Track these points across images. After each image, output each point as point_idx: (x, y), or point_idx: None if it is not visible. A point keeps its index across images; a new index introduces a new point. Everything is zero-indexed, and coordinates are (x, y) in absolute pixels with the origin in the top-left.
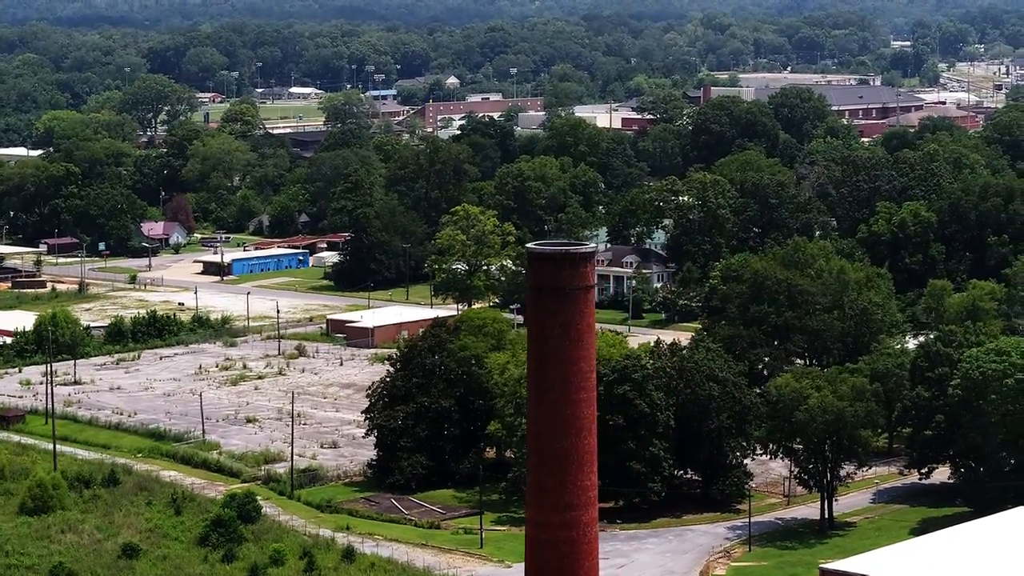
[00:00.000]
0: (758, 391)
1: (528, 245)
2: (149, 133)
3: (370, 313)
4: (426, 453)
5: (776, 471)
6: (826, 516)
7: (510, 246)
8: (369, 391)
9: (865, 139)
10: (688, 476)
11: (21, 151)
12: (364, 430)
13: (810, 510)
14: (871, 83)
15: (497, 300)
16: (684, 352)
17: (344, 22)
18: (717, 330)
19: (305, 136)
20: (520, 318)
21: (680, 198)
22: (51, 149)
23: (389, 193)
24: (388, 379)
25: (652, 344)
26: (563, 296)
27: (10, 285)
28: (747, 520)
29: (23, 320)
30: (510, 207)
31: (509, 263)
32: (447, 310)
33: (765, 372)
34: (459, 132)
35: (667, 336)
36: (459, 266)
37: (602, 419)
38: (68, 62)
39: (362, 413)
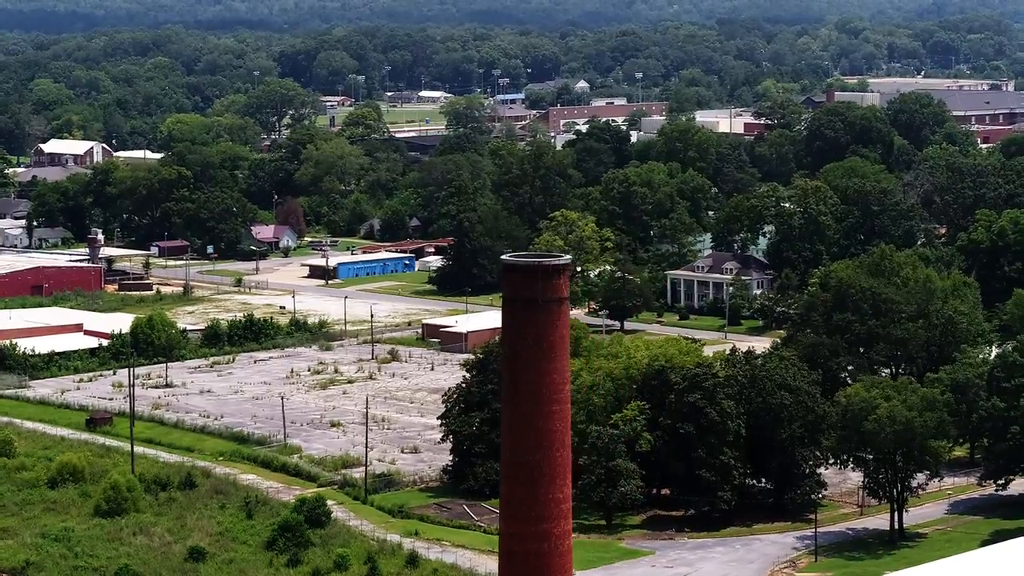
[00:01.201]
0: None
1: (502, 256)
2: (273, 136)
3: (465, 318)
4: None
5: (853, 481)
6: (896, 527)
7: (608, 252)
8: (445, 397)
9: (984, 145)
10: (762, 485)
11: (143, 154)
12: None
13: (882, 521)
14: (1003, 88)
15: (595, 306)
16: (757, 360)
17: (478, 26)
18: (800, 338)
19: (426, 140)
20: (613, 323)
21: (782, 204)
22: (169, 152)
23: (494, 198)
24: (464, 385)
25: (727, 352)
26: (535, 308)
27: (117, 287)
28: (817, 530)
29: (124, 323)
30: (615, 212)
31: (607, 268)
32: None
33: (848, 381)
34: (575, 137)
35: (763, 343)
36: None
37: (672, 427)
38: (200, 65)
39: (438, 419)
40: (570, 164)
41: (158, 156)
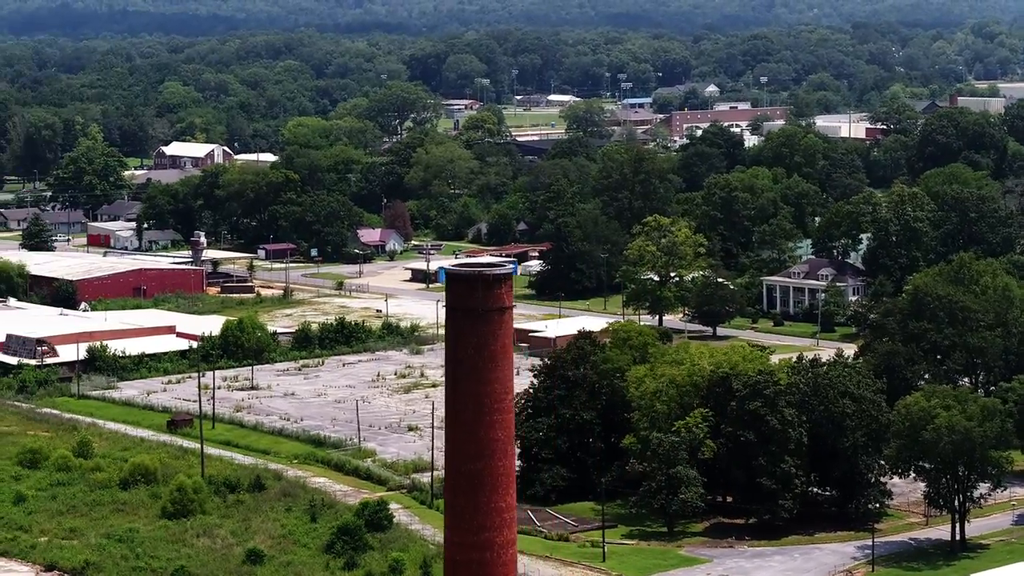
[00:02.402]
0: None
1: (445, 265)
2: (395, 139)
3: (555, 323)
4: (568, 465)
5: (922, 491)
6: (957, 537)
7: (701, 257)
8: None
9: None
10: (827, 494)
11: (256, 157)
12: None
13: (946, 531)
14: None
15: (689, 311)
16: (820, 368)
17: (611, 29)
18: (876, 346)
19: (546, 144)
20: (706, 328)
21: (878, 211)
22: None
23: (593, 202)
24: (532, 390)
25: (793, 359)
26: (476, 317)
27: (219, 290)
28: (879, 539)
29: (218, 325)
30: (716, 217)
31: (701, 274)
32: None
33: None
34: (688, 142)
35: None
36: (651, 276)
37: (733, 435)
38: (331, 69)
39: None
40: (671, 168)
41: (274, 159)
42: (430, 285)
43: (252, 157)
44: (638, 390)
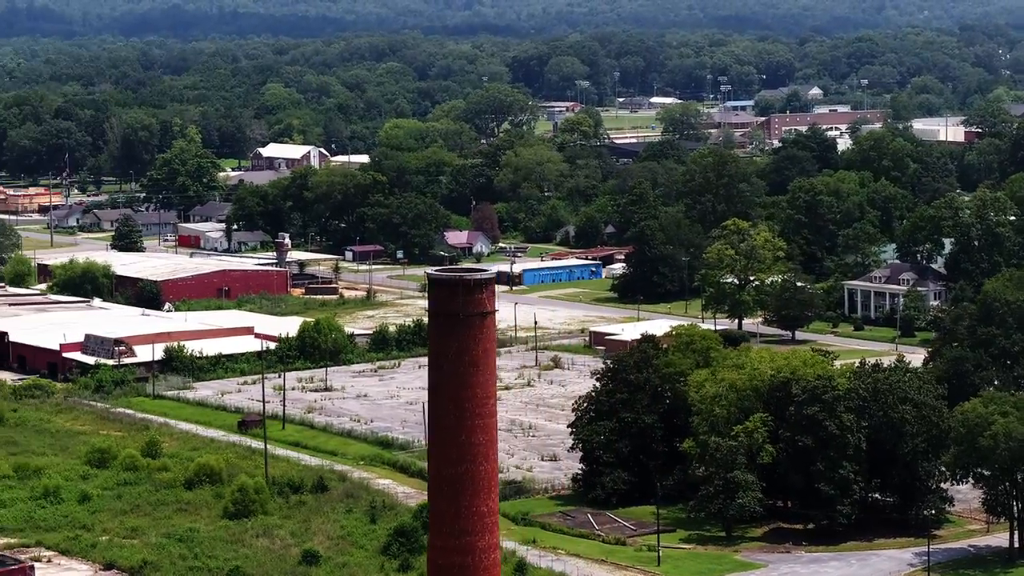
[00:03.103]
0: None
1: (427, 270)
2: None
3: (631, 326)
4: (630, 469)
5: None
6: (1016, 545)
7: (780, 261)
8: (575, 405)
9: None
10: (889, 499)
11: (347, 159)
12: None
13: (1006, 539)
14: None
15: (768, 315)
16: (880, 374)
17: (715, 31)
18: (944, 351)
19: (642, 147)
20: (785, 332)
21: (961, 215)
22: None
23: (676, 205)
24: (594, 394)
25: (856, 364)
26: (457, 322)
27: (303, 291)
28: (938, 546)
29: (296, 327)
30: (800, 221)
31: (780, 278)
32: (718, 324)
33: None
34: (779, 145)
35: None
36: (730, 280)
37: (792, 440)
38: (434, 71)
39: (568, 427)
40: (758, 172)
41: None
42: (513, 288)
43: (353, 158)
44: (698, 394)
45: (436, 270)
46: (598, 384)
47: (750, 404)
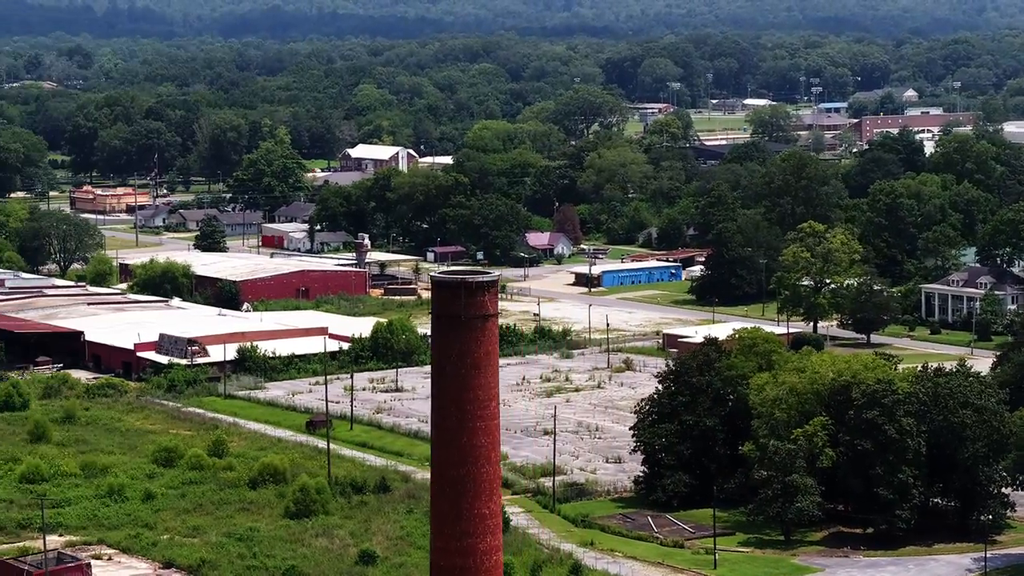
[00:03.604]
0: None
1: (431, 273)
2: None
3: (705, 328)
4: (691, 471)
5: None
6: None
7: (856, 264)
8: (637, 408)
9: None
10: (949, 504)
11: (432, 160)
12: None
13: None
14: None
15: (843, 318)
16: (942, 378)
17: (812, 33)
18: (1012, 355)
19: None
20: (860, 336)
21: None
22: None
23: (756, 208)
24: (656, 396)
25: (919, 368)
26: (459, 324)
27: (382, 292)
28: (997, 552)
29: (370, 327)
30: (881, 224)
31: (856, 280)
32: (793, 327)
33: None
34: (866, 147)
35: None
36: (806, 283)
37: (851, 443)
38: (527, 72)
39: (630, 429)
40: (839, 174)
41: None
42: (592, 289)
43: (438, 160)
44: (759, 397)
45: (442, 272)
46: (660, 387)
47: (811, 408)
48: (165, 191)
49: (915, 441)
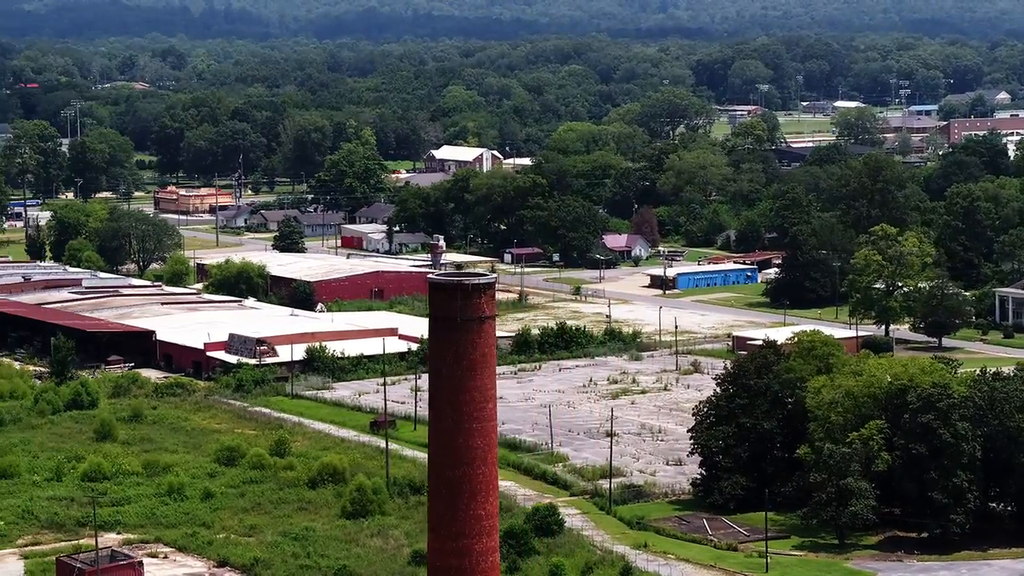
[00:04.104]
0: None
1: (429, 275)
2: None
3: (775, 331)
4: (748, 474)
5: None
6: None
7: (928, 267)
8: (695, 410)
9: None
10: (1006, 509)
11: (526, 162)
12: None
13: None
14: None
15: (915, 321)
16: (999, 382)
17: (906, 35)
18: None
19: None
20: (932, 339)
21: None
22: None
23: (831, 211)
24: (713, 398)
25: (976, 372)
26: (455, 326)
27: None
28: None
29: None
30: (958, 227)
31: (929, 284)
32: (865, 330)
33: None
34: (949, 150)
35: None
36: (878, 286)
37: (906, 447)
38: (618, 74)
39: (688, 432)
40: (914, 177)
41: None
42: (666, 292)
43: (522, 161)
44: (815, 400)
45: (439, 274)
46: (718, 389)
47: (868, 411)
48: (250, 191)
49: (970, 445)
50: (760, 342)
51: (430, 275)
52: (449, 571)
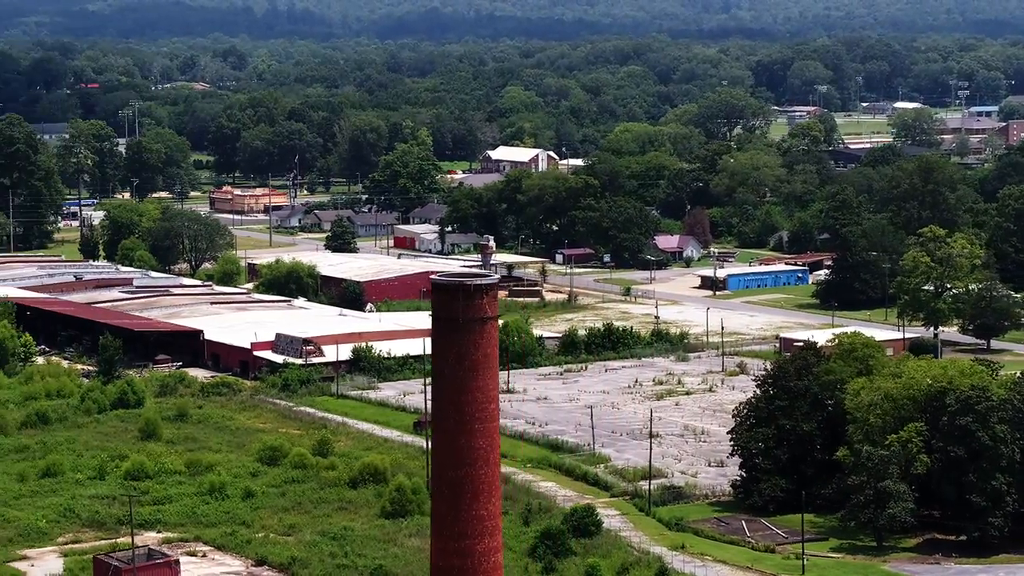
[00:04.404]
0: None
1: (432, 276)
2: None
3: (822, 333)
4: (788, 476)
5: None
6: None
7: (977, 269)
8: (735, 411)
9: None
10: None
11: (567, 163)
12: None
13: None
14: None
15: (964, 323)
16: None
17: (968, 36)
18: None
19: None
20: (980, 341)
21: None
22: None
23: (882, 212)
24: (753, 400)
25: (1017, 375)
26: (456, 327)
27: (506, 294)
28: None
29: None
30: (1009, 229)
31: (978, 286)
32: (913, 332)
33: None
34: (1005, 152)
35: None
36: (926, 287)
37: (944, 450)
38: (677, 75)
39: (728, 433)
40: (964, 178)
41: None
42: (716, 293)
43: (577, 162)
44: (854, 402)
45: (441, 275)
46: (758, 391)
47: (907, 413)
48: (306, 191)
49: (1009, 448)
50: (816, 343)
51: (432, 276)
52: (451, 571)
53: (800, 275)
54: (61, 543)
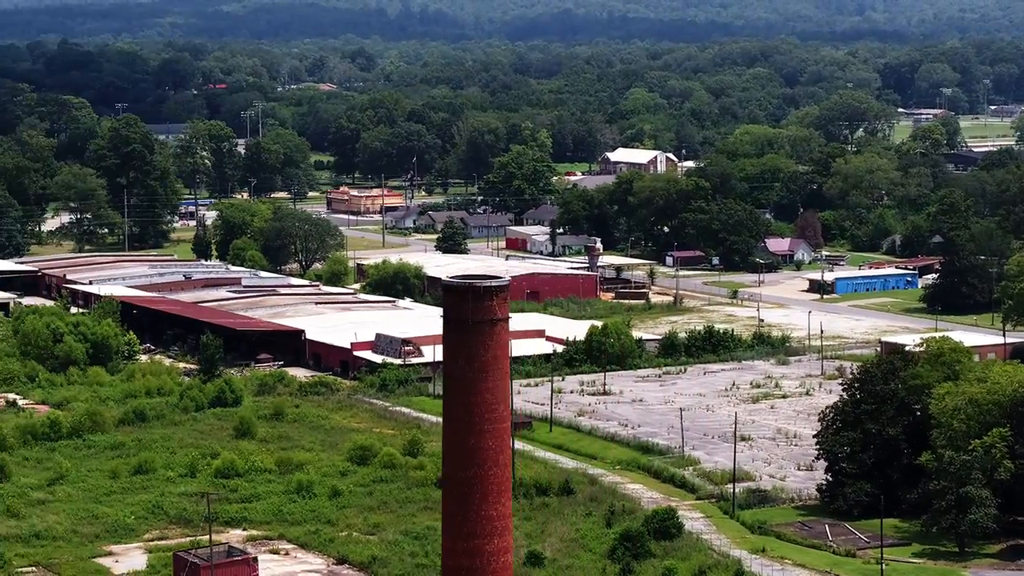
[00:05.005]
0: None
1: (443, 278)
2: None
3: (926, 337)
4: (873, 481)
5: None
6: None
7: None
8: (821, 415)
9: None
10: None
11: (684, 165)
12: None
13: None
14: None
15: None
16: None
17: None
18: None
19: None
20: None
21: None
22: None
23: (992, 215)
24: (840, 404)
25: None
26: (466, 328)
27: (613, 296)
28: None
29: (584, 330)
30: None
31: None
32: (1016, 336)
33: None
34: None
35: None
36: None
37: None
38: (804, 77)
39: (813, 437)
40: None
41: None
42: (824, 296)
43: (682, 165)
44: (939, 407)
45: (453, 277)
46: (844, 395)
47: (992, 419)
48: (423, 192)
49: None
50: (907, 348)
51: (443, 278)
52: (461, 571)
53: (910, 279)
54: (147, 539)
